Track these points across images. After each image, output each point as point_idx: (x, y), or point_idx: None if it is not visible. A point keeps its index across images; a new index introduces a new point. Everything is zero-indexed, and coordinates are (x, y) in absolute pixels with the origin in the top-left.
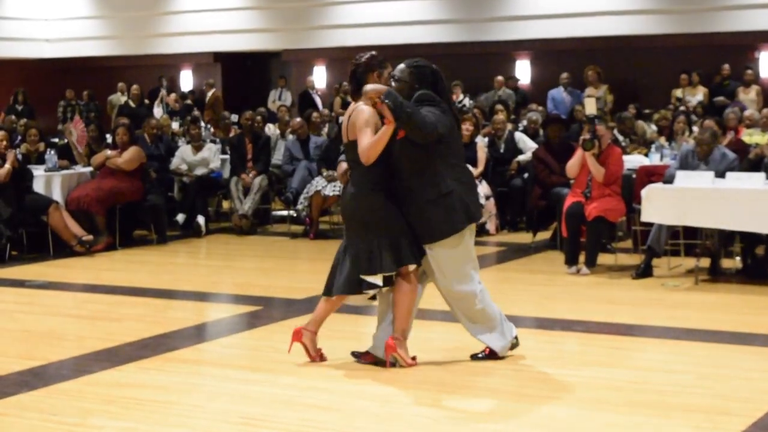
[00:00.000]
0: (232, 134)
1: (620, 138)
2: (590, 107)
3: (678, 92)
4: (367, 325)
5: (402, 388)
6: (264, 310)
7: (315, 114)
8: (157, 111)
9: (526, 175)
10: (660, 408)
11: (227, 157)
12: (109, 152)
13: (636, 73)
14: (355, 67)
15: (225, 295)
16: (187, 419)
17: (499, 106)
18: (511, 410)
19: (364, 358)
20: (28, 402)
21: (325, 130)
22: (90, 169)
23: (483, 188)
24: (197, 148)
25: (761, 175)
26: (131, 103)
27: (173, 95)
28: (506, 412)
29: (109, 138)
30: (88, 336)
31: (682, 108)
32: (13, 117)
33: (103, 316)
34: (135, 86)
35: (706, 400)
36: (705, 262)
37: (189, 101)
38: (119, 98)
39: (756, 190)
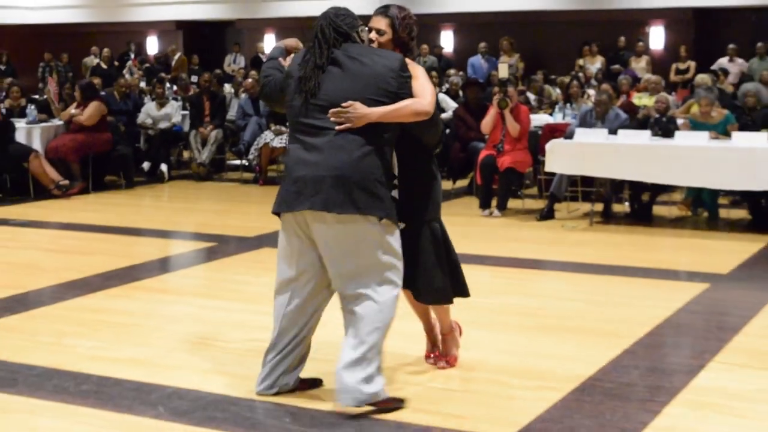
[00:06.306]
0: (191, 93)
1: (532, 98)
2: (503, 72)
3: (580, 61)
4: None
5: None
6: (219, 246)
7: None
8: (127, 76)
9: (447, 131)
10: (559, 331)
11: (187, 113)
12: (73, 110)
13: (544, 44)
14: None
15: (185, 233)
16: (149, 339)
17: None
18: None
19: None
20: (11, 324)
21: None
22: None
23: None
24: (161, 105)
25: (647, 132)
26: (102, 65)
27: (137, 59)
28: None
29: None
30: (63, 268)
31: (580, 75)
32: None
33: (76, 250)
34: (106, 50)
35: (599, 324)
36: (599, 207)
37: (148, 64)
38: (92, 60)
39: (643, 145)
